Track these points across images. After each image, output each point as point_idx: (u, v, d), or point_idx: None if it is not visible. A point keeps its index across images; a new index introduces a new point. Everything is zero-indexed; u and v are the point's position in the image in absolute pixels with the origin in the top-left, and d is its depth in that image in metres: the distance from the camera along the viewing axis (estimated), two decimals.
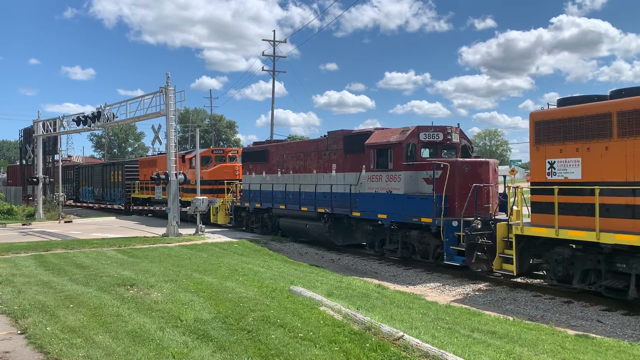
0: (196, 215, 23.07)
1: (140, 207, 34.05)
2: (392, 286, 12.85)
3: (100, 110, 26.23)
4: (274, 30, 52.48)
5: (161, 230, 23.31)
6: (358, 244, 19.07)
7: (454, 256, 13.95)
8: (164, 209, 26.04)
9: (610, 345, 7.92)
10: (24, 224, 29.11)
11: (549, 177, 11.70)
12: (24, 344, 7.03)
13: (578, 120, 11.14)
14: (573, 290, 11.56)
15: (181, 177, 22.60)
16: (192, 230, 22.96)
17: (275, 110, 48.75)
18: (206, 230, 23.60)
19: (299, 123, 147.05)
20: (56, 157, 37.39)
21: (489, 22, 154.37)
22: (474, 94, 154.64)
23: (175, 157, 23.03)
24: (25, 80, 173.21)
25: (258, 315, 7.87)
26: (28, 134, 36.98)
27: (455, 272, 14.39)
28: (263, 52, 47.12)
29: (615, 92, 11.12)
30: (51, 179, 35.24)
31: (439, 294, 12.62)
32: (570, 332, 8.92)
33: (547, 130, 11.81)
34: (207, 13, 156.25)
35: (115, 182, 39.06)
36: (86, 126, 27.83)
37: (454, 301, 11.68)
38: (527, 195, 12.65)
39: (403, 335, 6.53)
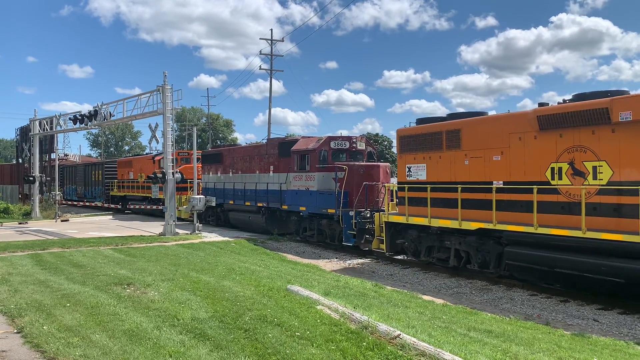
0: (193, 214, 23.05)
1: (137, 206, 34.06)
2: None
3: (97, 109, 26.16)
4: (272, 29, 52.40)
5: (158, 229, 23.27)
6: (290, 232, 22.02)
7: (350, 239, 17.58)
8: (160, 207, 26.03)
9: (606, 344, 7.95)
10: (20, 223, 29.01)
11: (407, 178, 15.52)
12: (20, 343, 7.01)
13: (424, 136, 14.95)
14: (422, 261, 15.37)
15: (178, 176, 22.56)
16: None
17: (273, 109, 48.77)
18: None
19: (298, 122, 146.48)
20: (53, 155, 37.29)
21: (491, 20, 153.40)
22: (473, 93, 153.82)
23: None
24: (23, 78, 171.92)
25: (255, 314, 7.87)
26: (24, 133, 36.88)
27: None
28: (260, 51, 47.07)
29: (448, 115, 14.90)
30: (48, 178, 35.14)
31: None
32: (567, 331, 8.95)
33: (407, 143, 15.61)
34: (205, 10, 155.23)
35: (96, 181, 42.25)
36: (83, 125, 27.74)
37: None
38: None
39: (400, 334, 6.54)
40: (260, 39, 48.21)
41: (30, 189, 33.90)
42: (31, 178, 32.64)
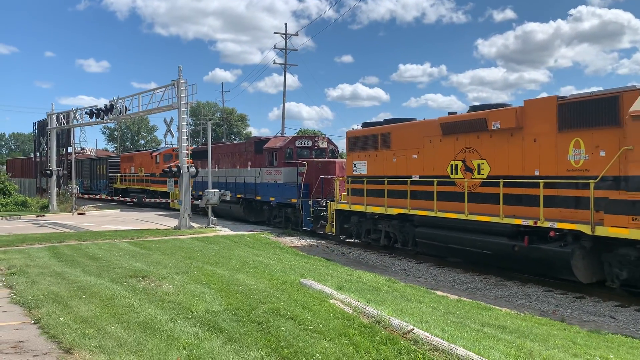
0: (207, 208, 23.18)
1: (153, 200, 34.33)
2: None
3: (113, 103, 26.36)
4: (286, 23, 52.35)
5: (173, 223, 23.45)
6: (263, 220, 24.81)
7: (309, 224, 20.45)
8: (172, 200, 26.21)
9: (623, 341, 7.85)
10: (38, 216, 29.43)
11: (353, 173, 18.48)
12: (37, 333, 7.11)
13: (366, 138, 17.87)
14: (364, 242, 18.20)
15: (193, 170, 22.67)
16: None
17: (288, 104, 48.98)
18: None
19: (312, 116, 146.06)
20: (69, 149, 37.71)
21: (509, 14, 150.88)
22: (489, 87, 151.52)
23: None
24: (40, 73, 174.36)
25: (268, 308, 7.90)
26: (42, 127, 37.36)
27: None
28: (275, 45, 47.05)
29: (384, 121, 17.94)
30: (65, 172, 35.56)
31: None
32: (582, 327, 8.85)
33: (354, 143, 18.55)
34: (220, 4, 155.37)
35: (101, 175, 44.85)
36: (99, 119, 28.01)
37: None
38: None
39: (413, 329, 6.51)
40: (274, 33, 47.95)
41: (48, 182, 34.32)
42: (49, 172, 33.05)
